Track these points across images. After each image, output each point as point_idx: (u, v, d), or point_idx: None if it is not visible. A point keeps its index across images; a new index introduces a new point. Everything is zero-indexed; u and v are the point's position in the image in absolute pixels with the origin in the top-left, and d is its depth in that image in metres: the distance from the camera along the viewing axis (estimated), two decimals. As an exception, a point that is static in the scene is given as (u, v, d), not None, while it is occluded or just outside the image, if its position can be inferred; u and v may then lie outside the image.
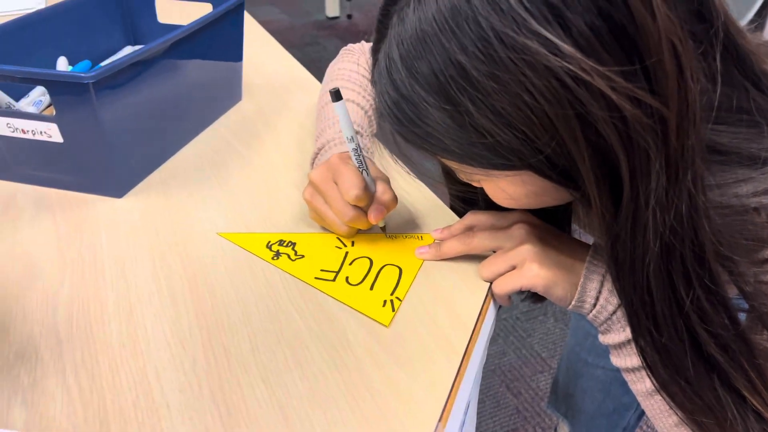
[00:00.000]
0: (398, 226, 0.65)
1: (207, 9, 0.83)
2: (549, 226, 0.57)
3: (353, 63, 0.77)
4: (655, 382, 0.48)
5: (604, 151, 0.39)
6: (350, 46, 0.81)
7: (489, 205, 0.65)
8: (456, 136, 0.41)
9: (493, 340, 1.73)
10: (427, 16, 0.39)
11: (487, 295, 0.55)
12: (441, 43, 0.39)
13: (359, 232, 0.63)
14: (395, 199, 0.60)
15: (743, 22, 0.47)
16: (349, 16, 4.34)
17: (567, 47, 0.36)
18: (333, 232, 0.63)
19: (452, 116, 0.40)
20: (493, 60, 0.37)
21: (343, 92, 0.71)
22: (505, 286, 0.54)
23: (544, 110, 0.37)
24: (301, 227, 0.65)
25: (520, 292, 0.56)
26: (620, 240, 0.43)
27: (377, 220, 0.59)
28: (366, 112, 0.72)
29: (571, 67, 0.36)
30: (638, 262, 0.42)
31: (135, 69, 0.66)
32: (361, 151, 0.58)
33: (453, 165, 0.47)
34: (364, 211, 0.59)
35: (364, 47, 0.80)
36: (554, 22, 0.36)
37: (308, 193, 0.61)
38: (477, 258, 0.59)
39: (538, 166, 0.41)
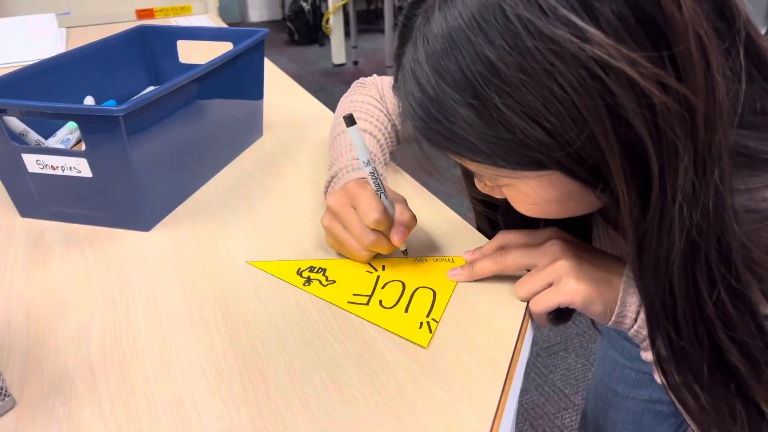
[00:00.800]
0: (425, 249, 0.65)
1: (228, 48, 0.85)
2: (582, 242, 0.57)
3: (365, 95, 0.78)
4: (666, 384, 0.47)
5: (634, 144, 0.39)
6: (362, 79, 0.82)
7: (508, 219, 0.65)
8: (483, 133, 0.41)
9: (515, 377, 1.69)
10: (454, 13, 0.40)
11: (525, 314, 0.54)
12: (468, 38, 0.39)
13: (380, 256, 0.62)
14: (415, 218, 0.60)
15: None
16: (356, 63, 4.43)
17: (595, 33, 0.36)
18: (351, 258, 0.62)
19: (479, 113, 0.40)
20: (521, 51, 0.37)
21: (367, 127, 0.72)
22: (543, 303, 0.53)
23: (573, 102, 0.37)
24: (330, 254, 0.64)
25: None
26: (647, 238, 0.42)
27: (401, 242, 0.59)
28: (378, 142, 0.73)
29: (599, 53, 0.36)
30: (662, 260, 0.42)
31: (162, 104, 0.67)
32: (378, 175, 0.58)
33: (478, 168, 0.47)
34: (384, 234, 0.59)
35: (376, 80, 0.81)
36: (582, 10, 0.36)
37: (326, 220, 0.61)
38: (511, 278, 0.58)
39: (566, 164, 0.41)
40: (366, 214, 0.57)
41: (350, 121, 0.56)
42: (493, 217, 0.67)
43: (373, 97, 0.78)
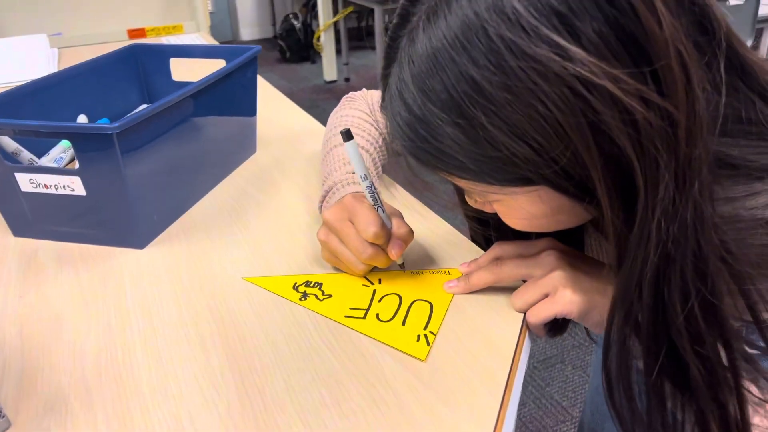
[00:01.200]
0: (421, 262, 0.65)
1: (220, 66, 0.85)
2: (578, 252, 0.57)
3: (356, 109, 0.78)
4: (604, 375, 0.47)
5: (618, 160, 0.39)
6: (351, 94, 0.83)
7: (500, 233, 0.65)
8: (470, 152, 0.41)
9: (512, 390, 1.69)
10: (437, 34, 0.40)
11: (522, 325, 0.54)
12: (452, 58, 0.39)
13: (376, 269, 0.63)
14: (411, 232, 0.60)
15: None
16: (347, 79, 4.46)
17: (577, 51, 0.36)
18: (347, 272, 0.62)
19: (466, 131, 0.41)
20: (505, 71, 0.38)
21: (360, 142, 0.73)
22: (540, 314, 0.54)
23: (557, 119, 0.38)
24: (326, 268, 0.64)
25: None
26: (627, 250, 0.42)
27: (398, 256, 0.59)
28: (371, 156, 0.73)
29: (581, 71, 0.36)
30: (637, 272, 0.42)
31: (156, 122, 0.67)
32: (375, 189, 0.59)
33: (467, 185, 0.47)
34: (381, 248, 0.59)
35: (365, 94, 0.81)
36: (563, 30, 0.37)
37: (323, 234, 0.61)
38: (508, 289, 0.58)
39: (553, 179, 0.41)
40: (364, 228, 0.57)
41: (348, 136, 0.56)
42: (486, 234, 0.67)
43: (363, 111, 0.78)
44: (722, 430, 0.45)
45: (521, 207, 0.48)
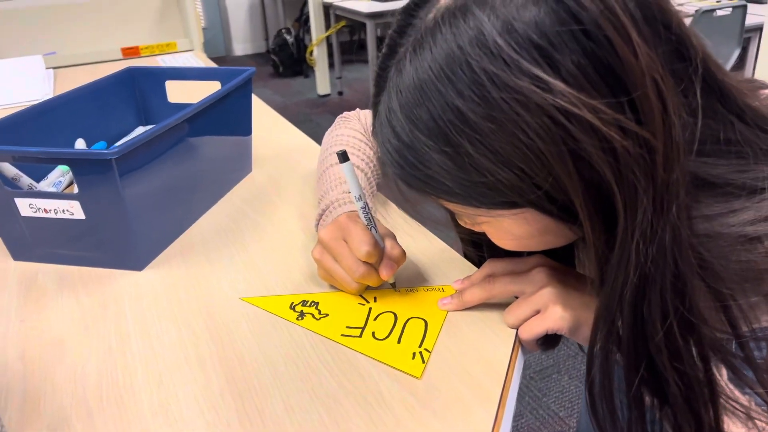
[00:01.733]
0: (415, 279, 0.66)
1: (215, 87, 0.87)
2: (568, 268, 0.58)
3: (350, 129, 0.80)
4: (587, 389, 0.48)
5: (597, 185, 0.41)
6: (345, 113, 0.85)
7: (493, 251, 0.66)
8: (457, 177, 0.43)
9: (509, 401, 1.69)
10: (423, 66, 0.42)
11: (515, 341, 0.56)
12: (438, 89, 0.41)
13: (369, 288, 0.64)
14: (404, 254, 0.62)
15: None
16: (340, 93, 4.48)
17: (557, 83, 0.38)
18: (342, 290, 0.64)
19: (452, 158, 0.42)
20: (488, 102, 0.39)
21: (354, 161, 0.74)
22: (532, 330, 0.55)
23: (539, 147, 0.39)
24: (323, 287, 0.65)
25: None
26: (608, 271, 0.44)
27: (388, 276, 0.60)
28: (366, 175, 0.75)
29: (561, 102, 0.38)
30: (617, 292, 0.43)
31: (153, 145, 0.68)
32: (369, 209, 0.60)
33: (456, 208, 0.49)
34: (374, 267, 0.61)
35: (359, 114, 0.83)
36: (543, 62, 0.38)
37: (317, 252, 0.63)
38: (501, 306, 0.59)
39: (538, 203, 0.43)
40: (357, 248, 0.59)
41: (344, 157, 0.58)
42: (478, 254, 0.69)
43: (358, 130, 0.80)
44: None
45: (509, 228, 0.49)
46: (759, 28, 2.76)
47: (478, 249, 0.68)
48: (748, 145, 0.45)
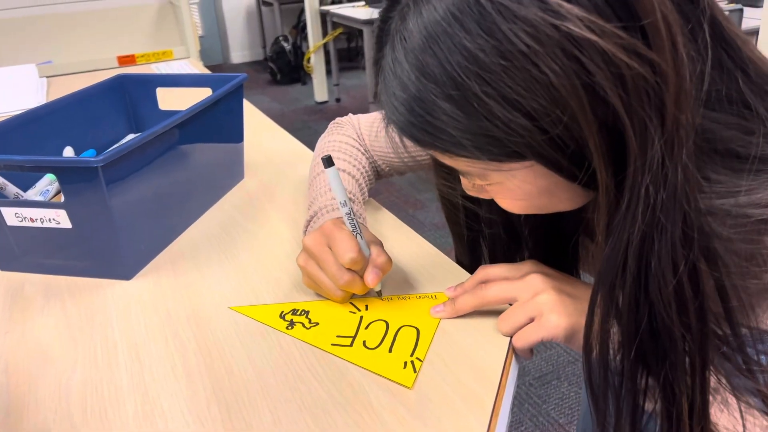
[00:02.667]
0: (407, 285, 0.65)
1: (207, 94, 0.86)
2: (562, 274, 0.57)
3: (343, 134, 0.79)
4: (586, 372, 0.48)
5: (612, 126, 0.40)
6: (338, 119, 0.83)
7: (492, 216, 0.65)
8: (465, 125, 0.41)
9: (509, 409, 1.68)
10: (429, 9, 0.41)
11: (508, 349, 0.55)
12: (444, 30, 0.40)
13: (360, 296, 0.63)
14: (390, 261, 0.61)
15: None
16: (338, 100, 4.48)
17: (568, 6, 0.37)
18: (327, 299, 0.63)
19: (461, 105, 0.41)
20: (496, 36, 0.38)
21: (344, 166, 0.73)
22: (527, 339, 0.54)
23: (552, 83, 0.38)
24: (313, 295, 0.64)
25: None
26: (615, 221, 0.42)
27: (374, 284, 0.59)
28: (357, 180, 0.74)
29: (572, 27, 0.37)
30: (623, 239, 0.42)
31: (141, 152, 0.67)
32: (354, 216, 0.59)
33: (466, 166, 0.47)
34: (359, 275, 0.59)
35: (352, 119, 0.82)
36: None
37: (302, 259, 0.62)
38: (494, 313, 0.58)
39: (547, 153, 0.41)
40: (342, 254, 0.57)
41: (328, 162, 0.57)
42: (468, 259, 0.68)
43: (350, 136, 0.79)
44: (687, 416, 0.45)
45: (517, 187, 0.47)
46: (755, 32, 2.75)
47: (470, 230, 0.66)
48: (751, 105, 0.44)
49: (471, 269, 0.68)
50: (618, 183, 0.42)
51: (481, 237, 0.70)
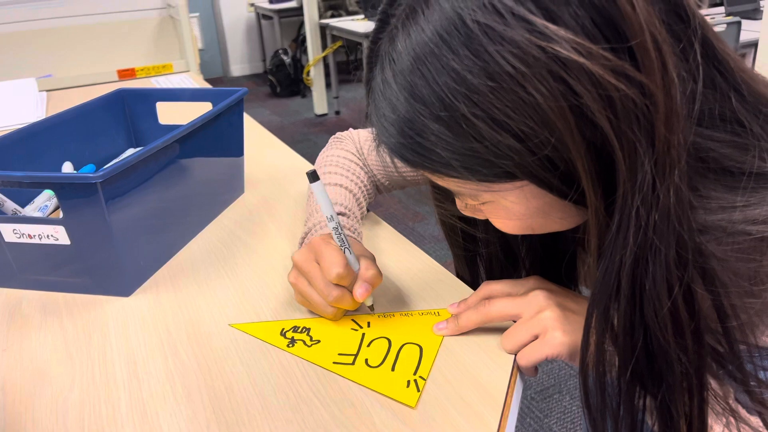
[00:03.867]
0: (408, 301, 0.64)
1: (207, 108, 0.86)
2: (566, 290, 0.57)
3: (342, 149, 0.79)
4: (582, 390, 0.47)
5: (599, 147, 0.39)
6: (339, 134, 0.83)
7: (489, 237, 0.65)
8: (455, 146, 0.41)
9: (510, 423, 1.66)
10: (416, 30, 0.41)
11: (513, 367, 0.54)
12: (432, 52, 0.40)
13: (362, 313, 0.62)
14: (380, 275, 0.60)
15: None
16: (338, 112, 4.49)
17: (554, 28, 0.36)
18: (319, 315, 0.62)
19: (450, 126, 0.40)
20: (483, 58, 0.38)
21: (331, 177, 0.73)
22: (531, 357, 0.53)
23: (539, 104, 0.38)
24: (314, 312, 0.63)
25: None
26: (607, 242, 0.42)
27: (363, 298, 0.58)
28: (354, 195, 0.73)
29: (559, 50, 0.36)
30: (615, 264, 0.41)
31: (141, 168, 0.67)
32: (342, 230, 0.58)
33: (457, 187, 0.47)
34: (349, 290, 0.59)
35: (352, 134, 0.82)
36: (539, 12, 0.37)
37: (293, 276, 0.61)
38: (498, 330, 0.57)
39: (538, 172, 0.41)
40: (328, 270, 0.57)
41: (313, 177, 0.56)
42: (468, 273, 0.67)
43: (350, 150, 0.78)
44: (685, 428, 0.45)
45: (511, 207, 0.47)
46: (754, 44, 2.77)
47: (467, 251, 0.66)
48: (745, 123, 0.44)
49: (472, 284, 0.68)
50: (608, 204, 0.41)
51: (479, 257, 0.69)
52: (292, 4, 5.10)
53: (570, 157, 0.40)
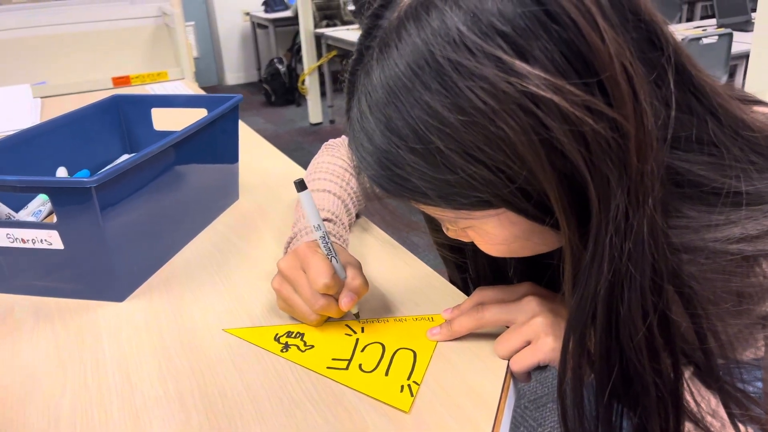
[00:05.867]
0: (401, 306, 0.64)
1: (202, 114, 0.86)
2: (558, 296, 0.57)
3: (333, 156, 0.79)
4: (559, 402, 0.48)
5: (571, 178, 0.39)
6: (331, 141, 0.84)
7: (476, 265, 0.65)
8: (430, 177, 0.42)
9: (504, 432, 1.66)
10: (390, 64, 0.41)
11: (507, 372, 0.54)
12: (405, 86, 0.40)
13: (356, 318, 0.62)
14: (366, 284, 0.60)
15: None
16: (332, 121, 4.50)
17: (522, 65, 0.37)
18: (302, 322, 0.62)
19: (424, 157, 0.41)
20: (454, 93, 0.38)
21: (320, 183, 0.73)
22: (523, 363, 0.53)
23: (510, 138, 0.38)
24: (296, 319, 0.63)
25: None
26: (581, 270, 0.42)
27: (348, 307, 0.58)
28: (344, 202, 0.74)
29: (528, 85, 0.36)
30: (590, 293, 0.42)
31: (136, 173, 0.67)
32: (328, 239, 0.59)
33: (435, 212, 0.47)
34: (334, 298, 0.59)
35: (345, 141, 0.82)
36: (508, 48, 0.37)
37: (277, 282, 0.61)
38: (491, 335, 0.57)
39: (512, 201, 0.41)
40: (315, 279, 0.57)
41: (301, 186, 0.57)
42: (459, 279, 0.67)
43: (341, 157, 0.79)
44: None
45: (493, 232, 0.47)
46: (745, 56, 2.79)
47: (461, 271, 0.66)
48: (722, 147, 0.44)
49: (464, 289, 0.68)
50: (583, 234, 0.42)
51: (469, 279, 0.69)
52: (288, 14, 5.12)
53: (542, 188, 0.40)
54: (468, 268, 0.69)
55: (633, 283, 0.40)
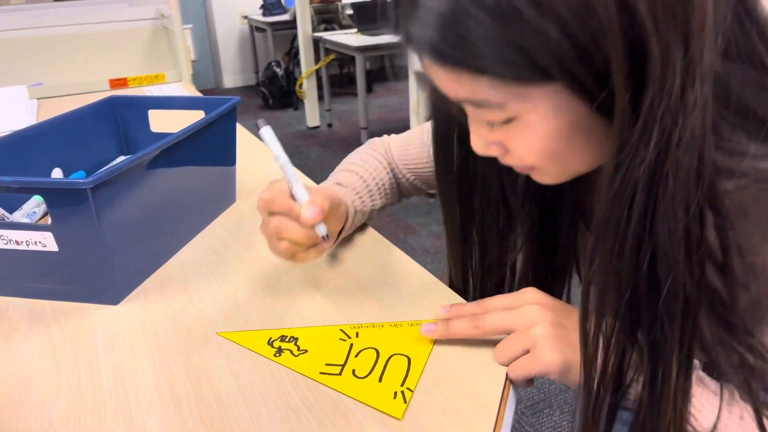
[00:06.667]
0: (400, 311, 0.64)
1: (199, 117, 0.85)
2: (561, 304, 0.56)
3: (371, 149, 0.83)
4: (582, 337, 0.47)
5: (636, 43, 0.39)
6: (374, 139, 0.87)
7: (485, 227, 0.65)
8: (495, 34, 0.40)
9: (500, 438, 1.65)
10: None
11: (507, 377, 0.53)
12: None
13: (351, 323, 0.62)
14: (328, 198, 0.63)
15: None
16: (330, 125, 4.50)
17: None
18: (294, 247, 0.64)
19: (492, 11, 0.40)
20: None
21: (350, 166, 0.80)
22: (520, 371, 0.52)
23: None
24: (303, 321, 0.63)
25: None
26: (628, 147, 0.41)
27: (310, 220, 0.61)
28: (365, 182, 0.77)
29: None
30: (631, 174, 0.41)
31: (132, 175, 0.66)
32: (290, 168, 0.63)
33: (483, 93, 0.45)
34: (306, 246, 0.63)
35: (385, 138, 0.85)
36: None
37: (263, 223, 0.65)
38: (491, 340, 0.57)
39: (573, 68, 0.40)
40: (271, 198, 0.63)
41: (263, 123, 0.62)
42: (461, 278, 0.67)
43: (377, 151, 0.83)
44: (676, 381, 0.45)
45: (537, 122, 0.46)
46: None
47: (465, 252, 0.67)
48: (765, 65, 0.43)
49: (463, 292, 0.68)
50: (635, 107, 0.41)
51: (474, 227, 0.69)
52: (286, 17, 5.12)
53: (606, 53, 0.39)
54: (473, 255, 0.69)
55: (680, 168, 0.39)
